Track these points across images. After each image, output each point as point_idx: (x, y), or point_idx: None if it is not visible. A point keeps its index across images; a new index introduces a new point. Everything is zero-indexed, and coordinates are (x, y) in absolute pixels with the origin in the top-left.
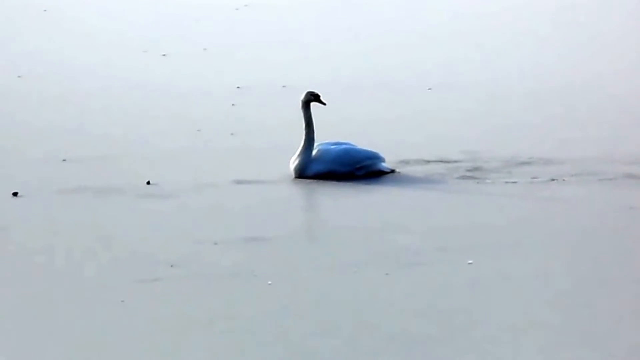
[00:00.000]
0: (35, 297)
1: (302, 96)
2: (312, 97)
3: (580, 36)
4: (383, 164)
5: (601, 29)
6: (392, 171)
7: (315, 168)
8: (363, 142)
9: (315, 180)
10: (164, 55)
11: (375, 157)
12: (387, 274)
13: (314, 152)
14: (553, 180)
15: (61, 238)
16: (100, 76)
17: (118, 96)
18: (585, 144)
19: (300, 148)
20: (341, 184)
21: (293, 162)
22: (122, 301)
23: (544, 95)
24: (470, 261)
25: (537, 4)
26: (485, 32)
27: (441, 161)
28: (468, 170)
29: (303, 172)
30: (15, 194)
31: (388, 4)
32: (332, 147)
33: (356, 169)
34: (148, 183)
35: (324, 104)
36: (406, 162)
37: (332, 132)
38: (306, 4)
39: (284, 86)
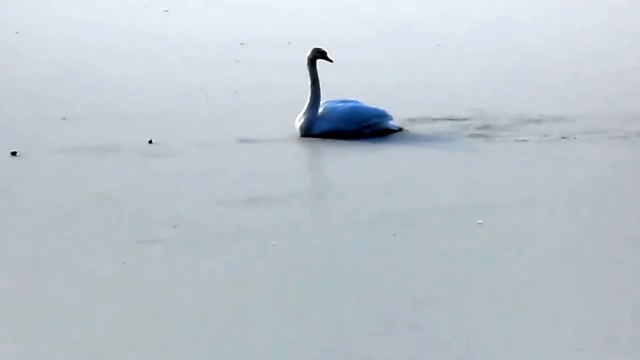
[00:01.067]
0: (35, 258)
1: (308, 53)
2: (319, 54)
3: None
4: (390, 122)
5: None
6: (400, 129)
7: (321, 126)
8: (370, 99)
9: (321, 139)
10: (166, 10)
11: (382, 115)
12: (394, 234)
13: (320, 110)
14: (564, 138)
15: (61, 198)
16: (101, 32)
17: (119, 53)
18: (596, 101)
19: (305, 106)
20: (348, 142)
21: (299, 121)
22: (124, 262)
23: (554, 53)
24: (479, 221)
25: None
26: None
27: (450, 119)
28: (477, 129)
29: (309, 131)
30: (13, 154)
31: None
32: (339, 105)
33: (363, 127)
34: (150, 142)
35: (331, 61)
36: (414, 120)
37: (338, 90)
38: None
39: (289, 42)
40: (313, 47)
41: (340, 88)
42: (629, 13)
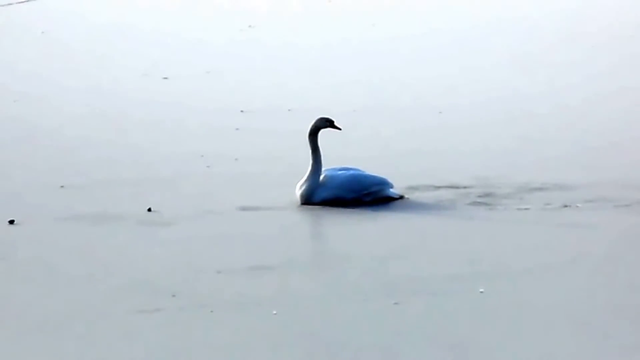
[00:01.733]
0: (33, 328)
1: (314, 122)
2: (327, 123)
3: (595, 57)
4: (391, 189)
5: (618, 52)
6: (401, 197)
7: (322, 194)
8: (371, 167)
9: (322, 207)
10: (165, 78)
11: (383, 183)
12: (396, 303)
13: (321, 178)
14: (566, 206)
15: (59, 267)
16: (99, 100)
17: (118, 121)
18: (599, 169)
19: (306, 174)
20: (349, 210)
21: (299, 188)
22: (123, 332)
23: (557, 119)
24: (481, 290)
25: (551, 20)
26: (498, 52)
27: (451, 187)
28: (479, 196)
29: (310, 199)
30: (11, 222)
31: (395, 23)
32: (339, 172)
33: (364, 195)
34: (149, 210)
35: (339, 128)
36: (415, 188)
37: (338, 157)
38: (311, 25)
39: (289, 110)
40: (321, 117)
41: (341, 156)
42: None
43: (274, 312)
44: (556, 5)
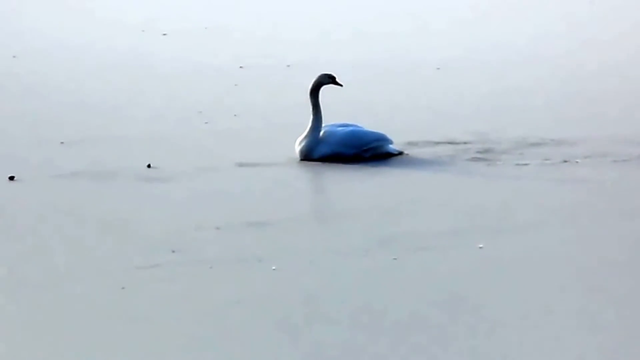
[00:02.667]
0: (32, 283)
1: (316, 78)
2: (330, 80)
3: (595, 18)
4: (391, 145)
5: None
6: (400, 153)
7: (321, 150)
8: (370, 123)
9: (321, 163)
10: (164, 34)
11: (382, 139)
12: (395, 258)
13: (321, 133)
14: (565, 161)
15: (59, 223)
16: (98, 56)
17: (117, 77)
18: (597, 124)
19: (307, 129)
20: (348, 166)
21: (299, 144)
22: (123, 288)
23: (555, 75)
24: (480, 245)
25: None
26: (496, 10)
27: (450, 143)
28: (478, 152)
29: (309, 155)
30: (11, 178)
31: None
32: (339, 129)
33: (363, 151)
34: (148, 166)
35: (341, 85)
36: (414, 144)
37: (338, 114)
38: None
39: (288, 65)
40: (322, 73)
41: (340, 112)
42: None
43: (273, 267)
44: None
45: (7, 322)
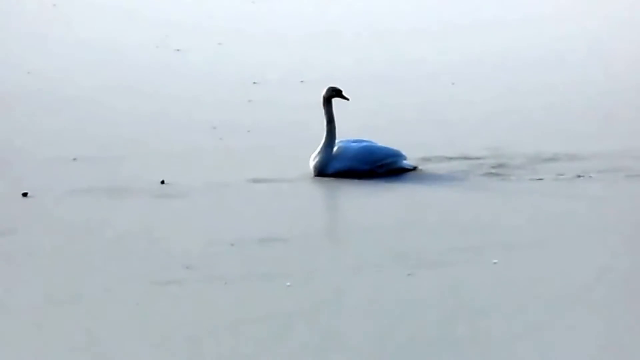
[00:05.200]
0: (46, 299)
1: (324, 92)
2: (334, 93)
3: (607, 28)
4: (404, 161)
5: (630, 28)
6: (414, 169)
7: (335, 166)
8: (384, 139)
9: (335, 179)
10: (178, 50)
11: (396, 155)
12: (409, 274)
13: (334, 149)
14: (579, 176)
15: (72, 239)
16: (112, 73)
17: (130, 93)
18: (611, 139)
19: (320, 145)
20: (362, 182)
21: (313, 160)
22: (137, 304)
23: (569, 90)
24: (495, 260)
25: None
26: (510, 24)
27: (464, 158)
28: (492, 167)
29: (323, 170)
30: (24, 195)
31: None
32: (353, 144)
33: (377, 166)
34: (162, 182)
35: (347, 99)
36: (428, 160)
37: (352, 129)
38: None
39: (302, 81)
40: (328, 86)
41: (354, 128)
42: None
43: (288, 283)
44: None
45: (20, 337)
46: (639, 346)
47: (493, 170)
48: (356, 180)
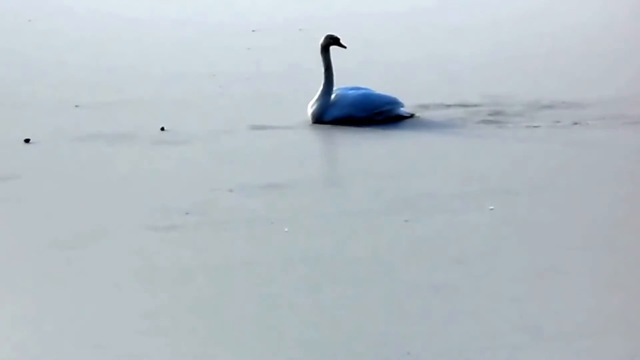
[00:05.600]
0: (50, 243)
1: (322, 40)
2: (332, 41)
3: None
4: (402, 108)
5: None
6: (412, 116)
7: (333, 113)
8: (381, 86)
9: (333, 126)
10: None
11: (394, 102)
12: (406, 220)
13: (332, 96)
14: (576, 123)
15: (74, 185)
16: (112, 20)
17: (131, 40)
18: (607, 87)
19: (318, 92)
20: (360, 129)
21: (311, 107)
22: (136, 249)
23: (565, 37)
24: (491, 207)
25: None
26: None
27: (461, 105)
28: (489, 115)
29: (321, 117)
30: (27, 141)
31: None
32: (351, 92)
33: (375, 114)
34: (162, 129)
35: (344, 47)
36: (426, 107)
37: (350, 76)
38: None
39: (300, 29)
40: (326, 34)
41: (352, 75)
42: None
43: (286, 229)
44: None
45: (29, 282)
46: (635, 292)
47: (490, 118)
48: (354, 128)
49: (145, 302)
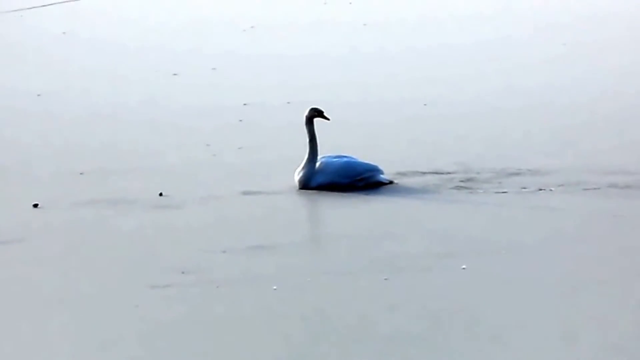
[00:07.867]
0: (54, 301)
1: (306, 112)
2: (316, 113)
3: (569, 48)
4: (382, 175)
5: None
6: (391, 182)
7: (318, 180)
8: (363, 155)
9: (318, 192)
10: (175, 74)
11: (374, 170)
12: (386, 278)
13: (317, 164)
14: (541, 190)
15: (79, 247)
16: (115, 94)
17: (132, 113)
18: (570, 155)
19: (304, 161)
20: (343, 194)
21: (297, 174)
22: (136, 305)
23: (529, 110)
24: (464, 266)
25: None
26: (474, 48)
27: (436, 173)
28: (461, 181)
29: (307, 184)
30: (35, 206)
31: (386, 24)
32: (334, 160)
33: (357, 180)
34: (160, 195)
35: (328, 119)
36: (403, 174)
37: (333, 146)
38: (307, 27)
39: (288, 102)
40: (311, 107)
41: (336, 145)
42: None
43: (274, 287)
44: None
45: (25, 340)
46: (602, 343)
47: (462, 184)
48: (337, 193)
49: (143, 357)
